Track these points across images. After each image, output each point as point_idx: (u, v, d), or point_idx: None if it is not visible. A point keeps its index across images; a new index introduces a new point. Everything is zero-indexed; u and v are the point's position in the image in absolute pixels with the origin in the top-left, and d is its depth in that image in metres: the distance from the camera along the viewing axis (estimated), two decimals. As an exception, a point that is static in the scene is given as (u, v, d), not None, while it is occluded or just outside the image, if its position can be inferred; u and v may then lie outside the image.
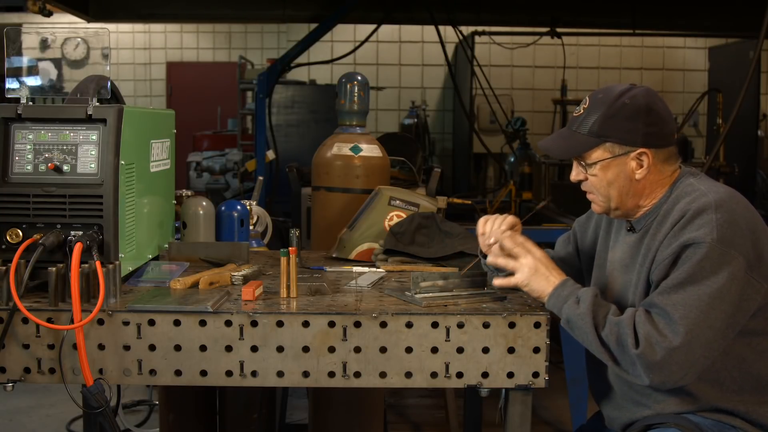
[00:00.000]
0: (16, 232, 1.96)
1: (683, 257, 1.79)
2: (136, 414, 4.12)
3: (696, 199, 1.86)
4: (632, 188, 1.94)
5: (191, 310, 1.82)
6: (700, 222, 1.80)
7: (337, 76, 3.49)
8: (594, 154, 1.93)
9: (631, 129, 1.89)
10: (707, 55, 9.47)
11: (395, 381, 1.85)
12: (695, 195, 1.88)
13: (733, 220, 1.80)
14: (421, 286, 1.96)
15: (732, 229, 1.79)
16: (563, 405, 4.01)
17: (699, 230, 1.79)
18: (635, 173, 1.92)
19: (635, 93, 1.91)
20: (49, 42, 2.24)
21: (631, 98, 1.90)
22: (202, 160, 8.23)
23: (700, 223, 1.80)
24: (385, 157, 3.34)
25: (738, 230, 1.79)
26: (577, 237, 2.24)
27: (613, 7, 6.59)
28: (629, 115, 1.89)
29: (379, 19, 6.38)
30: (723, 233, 1.78)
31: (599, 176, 1.94)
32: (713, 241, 1.77)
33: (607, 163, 1.92)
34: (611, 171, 1.93)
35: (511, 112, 8.80)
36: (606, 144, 1.91)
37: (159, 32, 10.68)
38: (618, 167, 1.92)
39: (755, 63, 4.37)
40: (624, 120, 1.89)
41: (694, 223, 1.80)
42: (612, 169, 1.92)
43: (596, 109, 1.92)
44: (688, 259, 1.79)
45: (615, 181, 1.93)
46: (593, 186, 1.96)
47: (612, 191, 1.94)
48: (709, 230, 1.78)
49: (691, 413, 1.90)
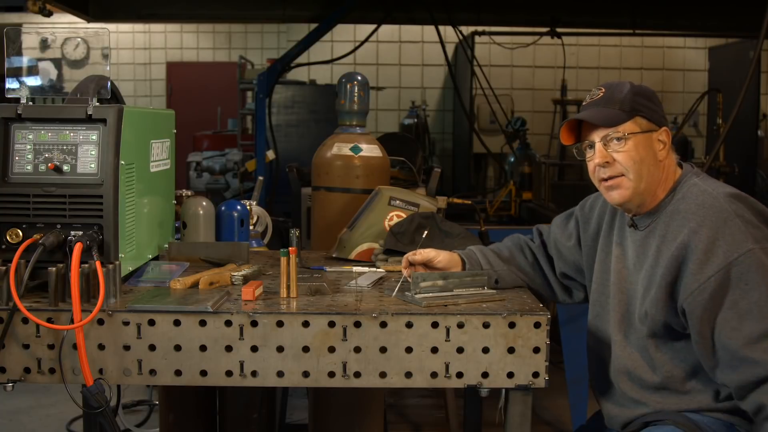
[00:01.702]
0: (16, 232, 1.95)
1: (735, 278, 1.78)
2: (136, 414, 4.12)
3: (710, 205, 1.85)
4: (656, 169, 1.93)
5: (191, 310, 1.82)
6: (729, 232, 1.80)
7: (337, 76, 3.49)
8: (627, 126, 1.92)
9: (654, 108, 1.95)
10: (707, 55, 9.48)
11: (395, 381, 1.85)
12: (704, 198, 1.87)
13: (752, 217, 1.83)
14: (421, 286, 1.96)
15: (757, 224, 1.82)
16: (563, 405, 4.01)
17: (733, 243, 1.79)
18: (658, 154, 1.93)
19: (642, 85, 1.99)
20: (49, 42, 2.23)
21: (643, 86, 1.98)
22: (202, 160, 8.23)
23: (731, 233, 1.80)
24: (385, 157, 3.34)
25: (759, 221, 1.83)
26: (579, 225, 2.20)
27: (613, 7, 6.59)
28: (649, 96, 1.96)
29: (379, 19, 6.38)
30: (754, 233, 1.80)
31: (631, 152, 1.91)
32: (753, 246, 1.78)
33: (639, 138, 1.91)
34: (642, 147, 1.92)
35: (511, 112, 8.81)
36: (636, 118, 1.92)
37: (159, 32, 10.68)
38: (647, 144, 1.92)
39: (755, 63, 4.37)
40: (648, 99, 1.95)
41: (725, 237, 1.80)
42: (642, 144, 1.92)
43: (619, 91, 1.95)
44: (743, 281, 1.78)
45: (646, 158, 1.91)
46: (624, 163, 1.91)
47: (643, 169, 1.91)
48: (743, 237, 1.79)
49: (691, 412, 1.91)
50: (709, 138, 8.60)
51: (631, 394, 1.98)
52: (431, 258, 2.14)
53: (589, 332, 2.13)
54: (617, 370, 2.01)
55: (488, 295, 1.99)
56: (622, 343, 2.00)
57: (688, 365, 1.91)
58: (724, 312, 1.79)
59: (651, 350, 1.94)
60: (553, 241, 2.24)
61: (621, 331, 2.00)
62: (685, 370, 1.92)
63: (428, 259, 2.14)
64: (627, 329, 2.00)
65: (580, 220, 2.19)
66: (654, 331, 1.92)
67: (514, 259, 2.22)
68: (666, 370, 1.93)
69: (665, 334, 1.91)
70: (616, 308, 2.02)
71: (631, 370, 1.98)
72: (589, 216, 2.17)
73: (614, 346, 2.02)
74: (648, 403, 1.95)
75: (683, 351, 1.91)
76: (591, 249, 2.15)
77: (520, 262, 2.22)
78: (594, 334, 2.11)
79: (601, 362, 2.08)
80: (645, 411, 1.96)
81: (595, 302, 2.11)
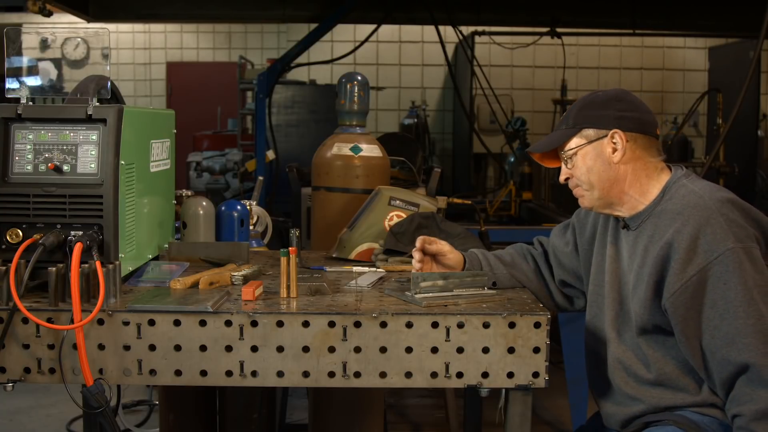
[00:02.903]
0: (16, 232, 1.95)
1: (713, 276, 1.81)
2: (136, 414, 4.12)
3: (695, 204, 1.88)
4: (612, 173, 1.98)
5: (191, 310, 1.82)
6: (711, 231, 1.83)
7: (337, 76, 3.49)
8: (571, 143, 2.00)
9: (603, 114, 1.99)
10: (707, 55, 9.48)
11: (395, 381, 1.85)
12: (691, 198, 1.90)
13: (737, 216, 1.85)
14: (421, 286, 1.96)
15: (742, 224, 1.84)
16: (563, 405, 4.01)
17: (713, 242, 1.82)
18: (612, 157, 1.97)
19: (608, 89, 2.05)
20: (49, 42, 2.23)
21: (603, 91, 2.04)
22: (202, 160, 8.23)
23: (712, 231, 1.83)
24: (385, 157, 3.34)
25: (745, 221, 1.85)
26: (575, 230, 2.24)
27: (613, 7, 6.59)
28: (601, 103, 2.01)
29: (379, 19, 6.38)
30: (737, 232, 1.82)
31: (579, 165, 2.00)
32: (734, 244, 1.81)
33: (585, 150, 1.99)
34: (589, 157, 1.99)
35: (511, 112, 8.82)
36: (582, 131, 1.99)
37: (159, 32, 10.68)
38: (595, 152, 1.98)
39: (755, 63, 4.37)
40: (596, 108, 2.00)
41: (706, 235, 1.83)
42: (590, 155, 1.98)
43: (573, 107, 2.05)
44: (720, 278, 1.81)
45: (594, 166, 1.98)
46: (577, 176, 2.01)
47: (592, 177, 1.99)
48: (724, 236, 1.82)
49: (686, 407, 1.92)
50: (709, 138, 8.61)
51: (627, 390, 2.00)
52: (445, 252, 2.16)
53: (587, 332, 2.14)
54: (613, 368, 2.03)
55: (488, 295, 1.99)
56: (616, 341, 2.03)
57: (681, 362, 1.93)
58: (706, 311, 1.83)
59: (644, 347, 1.97)
60: (552, 249, 2.28)
61: (615, 329, 2.04)
62: (678, 367, 1.94)
63: (442, 252, 2.16)
64: (621, 327, 2.03)
65: (577, 226, 2.23)
66: (644, 329, 1.96)
67: (516, 264, 2.24)
68: (659, 367, 1.95)
69: (655, 332, 1.95)
70: (611, 306, 2.05)
71: (627, 367, 2.01)
72: (585, 221, 2.21)
73: (609, 344, 2.05)
74: (644, 399, 1.97)
75: (675, 348, 1.93)
76: (587, 252, 2.18)
77: (522, 268, 2.24)
78: (591, 333, 2.13)
79: (598, 361, 2.09)
80: (642, 407, 1.98)
81: (592, 303, 2.14)
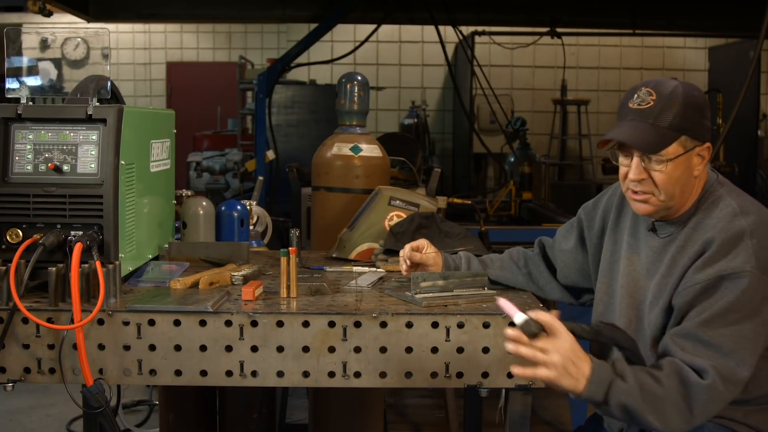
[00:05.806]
0: (16, 232, 1.96)
1: (722, 288, 1.74)
2: (136, 414, 4.12)
3: (730, 220, 1.80)
4: (689, 185, 1.85)
5: (191, 310, 1.82)
6: (736, 250, 1.75)
7: (337, 76, 3.49)
8: (671, 149, 1.80)
9: (701, 123, 1.82)
10: (707, 55, 9.49)
11: (395, 381, 1.85)
12: (727, 212, 1.82)
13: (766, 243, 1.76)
14: (421, 286, 1.96)
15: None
16: (563, 405, 4.01)
17: (736, 259, 1.74)
18: (695, 170, 1.84)
19: (692, 87, 1.84)
20: (49, 42, 2.23)
21: (697, 89, 1.84)
22: (202, 160, 8.23)
23: (737, 252, 1.75)
24: (385, 157, 3.34)
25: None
26: (583, 225, 2.17)
27: (613, 7, 6.59)
28: (700, 109, 1.83)
29: (379, 19, 6.38)
30: (761, 261, 1.74)
31: (669, 173, 1.81)
32: (753, 269, 1.73)
33: (680, 160, 1.81)
34: (680, 167, 1.81)
35: (511, 112, 8.81)
36: (681, 138, 1.80)
37: (159, 32, 10.68)
38: (686, 163, 1.82)
39: (755, 63, 4.37)
40: (697, 113, 1.82)
41: (730, 252, 1.75)
42: (681, 165, 1.81)
43: (671, 101, 1.80)
44: (729, 291, 1.73)
45: (681, 177, 1.82)
46: (659, 184, 1.82)
47: (677, 189, 1.83)
48: (747, 258, 1.74)
49: None
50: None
51: None
52: (429, 265, 2.18)
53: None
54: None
55: (488, 295, 1.99)
56: None
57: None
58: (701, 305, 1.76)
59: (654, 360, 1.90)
60: (557, 249, 2.22)
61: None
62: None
63: (425, 264, 2.18)
64: (634, 334, 1.95)
65: (585, 220, 2.16)
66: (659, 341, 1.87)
67: (504, 269, 2.22)
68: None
69: None
70: (624, 312, 1.97)
71: None
72: (593, 214, 2.14)
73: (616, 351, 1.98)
74: None
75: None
76: (597, 247, 2.11)
77: (513, 272, 2.23)
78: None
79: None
80: None
81: (599, 301, 2.07)
